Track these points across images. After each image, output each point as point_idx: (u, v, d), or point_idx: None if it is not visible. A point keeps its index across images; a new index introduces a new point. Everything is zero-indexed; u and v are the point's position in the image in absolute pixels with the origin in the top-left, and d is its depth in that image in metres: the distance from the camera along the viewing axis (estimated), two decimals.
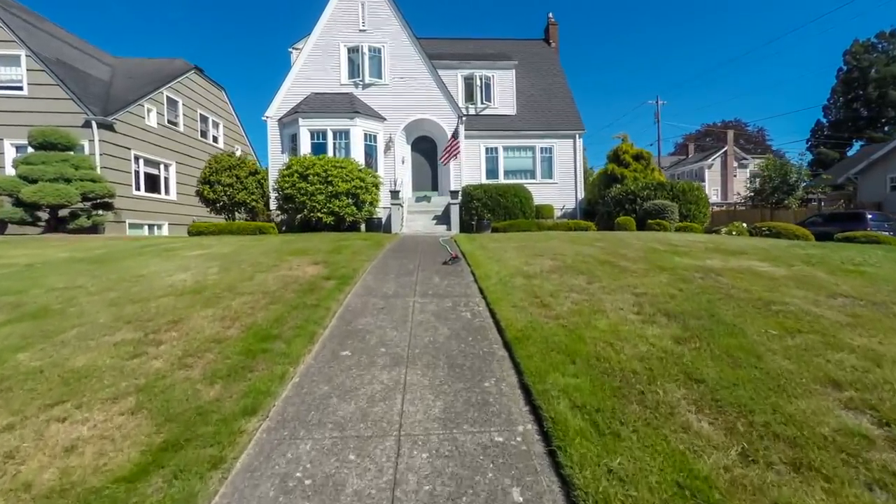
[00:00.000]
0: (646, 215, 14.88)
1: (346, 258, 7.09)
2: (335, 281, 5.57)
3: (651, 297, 4.55)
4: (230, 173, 12.88)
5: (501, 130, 17.89)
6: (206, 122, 20.97)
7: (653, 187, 15.45)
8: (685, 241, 9.00)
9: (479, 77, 18.36)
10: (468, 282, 5.87)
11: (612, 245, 8.37)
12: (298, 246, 8.43)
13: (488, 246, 8.46)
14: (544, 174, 18.07)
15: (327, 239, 9.87)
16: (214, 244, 9.08)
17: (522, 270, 6.00)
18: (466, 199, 14.57)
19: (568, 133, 18.06)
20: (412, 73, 16.25)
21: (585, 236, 10.37)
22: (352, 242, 9.01)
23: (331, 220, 12.92)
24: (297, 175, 13.05)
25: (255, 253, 7.68)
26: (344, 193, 12.99)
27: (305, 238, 10.08)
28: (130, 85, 17.77)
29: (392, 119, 16.04)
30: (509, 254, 7.46)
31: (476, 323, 4.29)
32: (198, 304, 4.56)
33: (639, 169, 16.65)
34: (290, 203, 13.11)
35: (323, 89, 15.88)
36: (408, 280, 5.98)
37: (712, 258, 6.71)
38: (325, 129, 15.16)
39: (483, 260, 6.92)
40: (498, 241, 9.24)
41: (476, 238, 10.42)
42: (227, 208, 13.23)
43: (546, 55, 21.26)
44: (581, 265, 6.23)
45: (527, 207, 14.73)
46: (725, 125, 48.68)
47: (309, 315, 4.28)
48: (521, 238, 10.04)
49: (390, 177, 15.80)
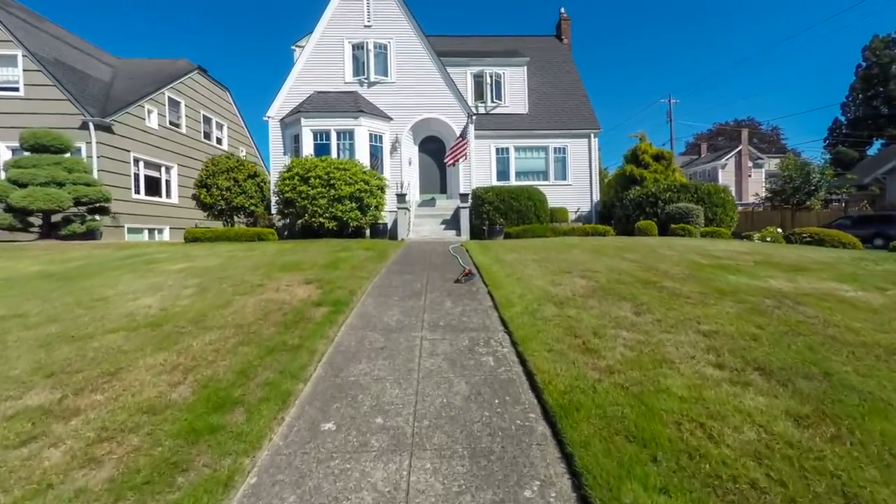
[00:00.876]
0: (668, 219, 13.70)
1: (344, 274, 6.08)
2: (327, 308, 4.55)
3: (727, 339, 3.47)
4: (228, 176, 11.98)
5: (513, 130, 16.80)
6: (209, 124, 20.15)
7: (675, 189, 14.26)
8: (725, 252, 7.86)
9: (489, 74, 17.27)
10: (486, 308, 4.82)
11: (645, 257, 7.26)
12: (293, 258, 7.44)
13: (505, 258, 7.39)
14: (558, 175, 16.94)
15: (327, 248, 8.88)
16: (203, 255, 8.13)
17: (550, 294, 4.93)
18: (477, 203, 13.51)
19: (582, 132, 16.91)
20: (419, 70, 15.22)
21: (609, 244, 9.26)
22: (353, 253, 8.00)
23: (333, 226, 11.94)
24: (298, 178, 12.10)
25: (243, 267, 6.71)
26: (347, 197, 12.01)
27: (304, 247, 9.10)
28: (131, 86, 16.98)
29: (398, 119, 15.03)
30: (530, 269, 6.40)
31: (503, 374, 3.25)
32: (150, 344, 3.57)
33: (659, 170, 15.45)
34: (290, 207, 12.16)
35: (326, 88, 14.92)
36: (414, 305, 4.95)
37: (774, 277, 5.58)
38: (328, 129, 14.19)
39: (501, 278, 5.86)
40: (515, 252, 8.17)
41: (489, 246, 9.36)
42: (224, 213, 12.33)
43: (558, 51, 20.10)
44: (619, 286, 5.15)
45: (541, 211, 13.63)
46: (739, 124, 46.91)
47: (287, 363, 3.26)
48: (539, 247, 8.97)
49: (397, 179, 14.78)
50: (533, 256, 7.54)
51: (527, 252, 8.14)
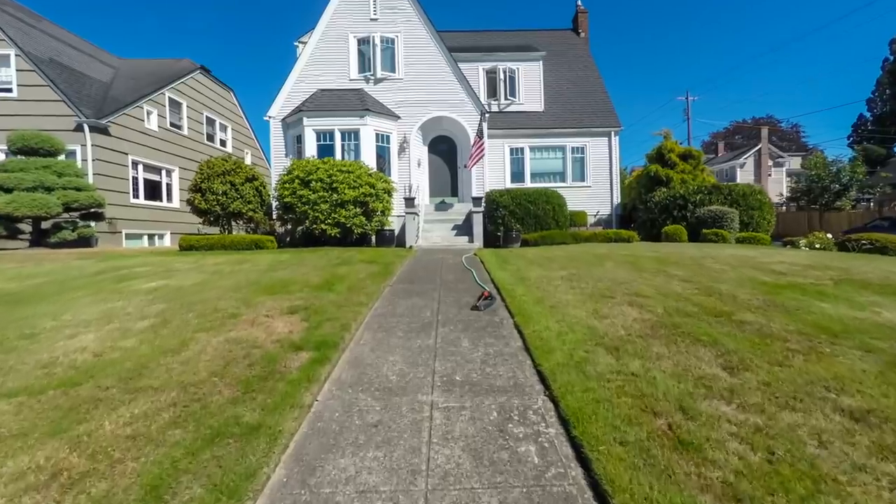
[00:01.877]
0: (699, 224, 12.37)
1: (339, 299, 4.97)
2: (310, 352, 3.44)
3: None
4: (223, 180, 10.98)
5: (528, 129, 15.59)
6: (212, 125, 19.28)
7: (706, 191, 12.92)
8: (786, 266, 6.57)
9: (502, 70, 16.07)
10: (515, 350, 3.65)
11: (694, 273, 6.02)
12: (284, 275, 6.36)
13: (529, 275, 6.21)
14: (576, 177, 15.68)
15: (325, 260, 7.79)
16: (186, 269, 7.10)
17: (598, 332, 3.75)
18: (491, 207, 12.34)
19: (602, 130, 15.62)
20: (429, 65, 14.08)
21: (643, 254, 8.02)
22: (353, 268, 6.89)
23: (336, 233, 10.87)
24: (299, 181, 11.06)
25: (223, 287, 5.64)
26: (351, 202, 10.93)
27: (300, 258, 8.03)
28: (132, 86, 16.15)
29: (407, 117, 13.92)
30: (562, 291, 5.21)
31: (555, 484, 2.08)
32: (46, 422, 2.48)
33: (687, 170, 14.10)
34: (290, 213, 11.12)
35: (330, 85, 13.87)
36: (422, 345, 3.81)
37: (879, 305, 4.31)
38: (332, 129, 13.15)
39: (529, 304, 4.69)
40: (538, 265, 6.98)
41: (507, 257, 8.18)
42: (221, 220, 11.34)
43: (575, 45, 18.80)
44: (685, 320, 3.95)
45: (560, 216, 12.40)
46: (757, 122, 44.89)
47: (232, 463, 2.15)
48: (564, 258, 7.76)
49: (405, 182, 13.68)
50: (561, 272, 6.35)
51: (552, 265, 6.95)
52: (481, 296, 5.14)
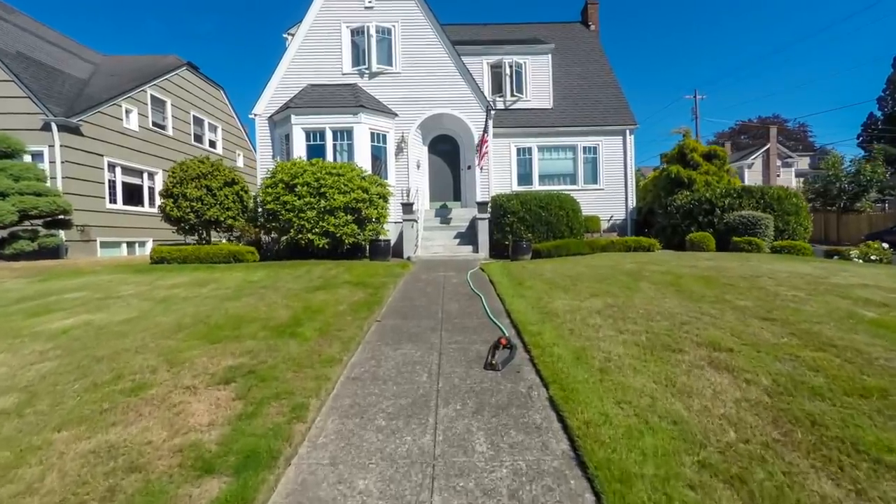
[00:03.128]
0: (728, 231, 10.91)
1: (302, 352, 3.54)
2: (224, 479, 2.01)
3: None
4: (198, 184, 9.55)
5: (536, 127, 14.13)
6: (200, 125, 17.87)
7: (735, 194, 11.46)
8: (881, 294, 5.11)
9: (508, 65, 14.62)
10: (560, 464, 2.21)
11: (768, 305, 4.57)
12: (244, 306, 4.92)
13: (554, 306, 4.76)
14: (588, 179, 14.23)
15: (304, 281, 6.37)
16: (129, 294, 5.68)
17: (691, 432, 2.31)
18: (498, 213, 10.89)
19: (616, 128, 14.16)
20: (429, 57, 12.64)
21: (682, 271, 6.58)
22: (334, 294, 5.46)
23: (324, 244, 9.44)
24: (283, 185, 9.63)
25: (157, 329, 4.22)
26: (341, 208, 9.50)
27: (274, 278, 6.60)
28: (111, 83, 14.74)
29: (405, 115, 12.49)
30: (606, 335, 3.78)
31: None
32: None
33: (711, 171, 12.63)
34: (273, 221, 9.69)
35: (321, 80, 12.44)
36: (412, 448, 2.36)
37: None
38: (322, 127, 11.72)
39: (567, 362, 3.24)
40: (562, 288, 5.53)
41: (521, 275, 6.73)
42: (196, 229, 9.92)
43: (585, 39, 17.33)
44: (820, 408, 2.50)
45: (574, 222, 10.94)
46: (763, 121, 43.29)
47: None
48: (591, 276, 6.32)
49: (403, 185, 12.25)
50: (593, 300, 4.90)
51: (579, 288, 5.51)
52: (497, 343, 3.71)
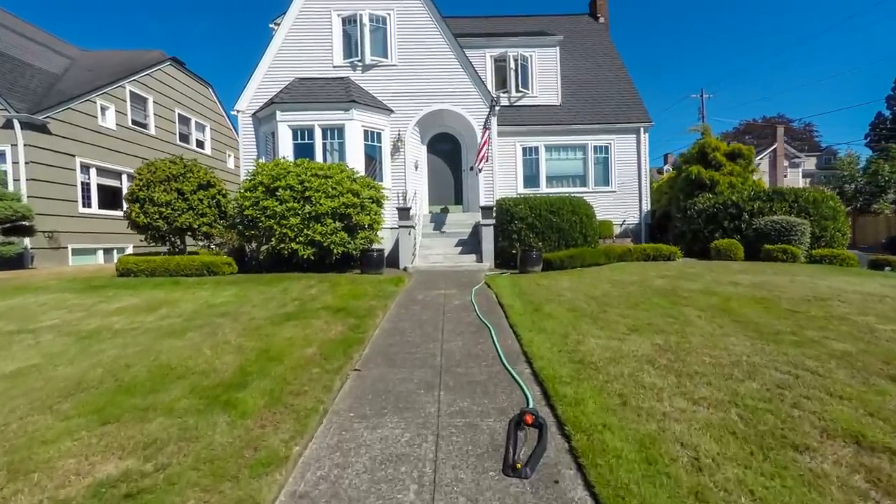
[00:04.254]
0: (759, 237, 9.72)
1: (235, 438, 2.35)
2: None
3: None
4: (168, 187, 8.36)
5: (543, 125, 12.94)
6: (187, 124, 16.65)
7: (766, 197, 10.26)
8: None
9: (513, 58, 13.41)
10: None
11: (868, 346, 3.38)
12: (185, 348, 3.72)
13: (588, 349, 3.56)
14: (598, 180, 13.03)
15: (274, 306, 5.17)
16: (50, 326, 4.49)
17: None
18: (504, 219, 9.68)
19: (629, 126, 12.97)
20: (428, 49, 11.44)
21: (725, 290, 5.38)
22: (305, 328, 4.26)
23: (310, 254, 8.25)
24: (263, 189, 8.44)
25: (51, 388, 3.03)
26: (328, 214, 8.31)
27: (240, 302, 5.41)
28: (87, 79, 13.54)
29: (401, 111, 11.29)
30: (675, 405, 2.58)
31: None
32: None
33: (736, 172, 11.42)
34: (252, 229, 8.50)
35: (310, 73, 11.24)
36: None
37: None
38: (310, 124, 10.52)
39: (632, 462, 2.05)
40: (590, 317, 4.33)
41: (536, 296, 5.54)
42: (166, 237, 8.74)
43: (594, 32, 16.11)
44: None
45: (588, 229, 9.74)
46: (768, 121, 42.07)
47: None
48: (621, 297, 5.13)
49: (399, 188, 11.06)
50: (638, 341, 3.71)
51: (612, 319, 4.31)
52: (519, 420, 2.53)
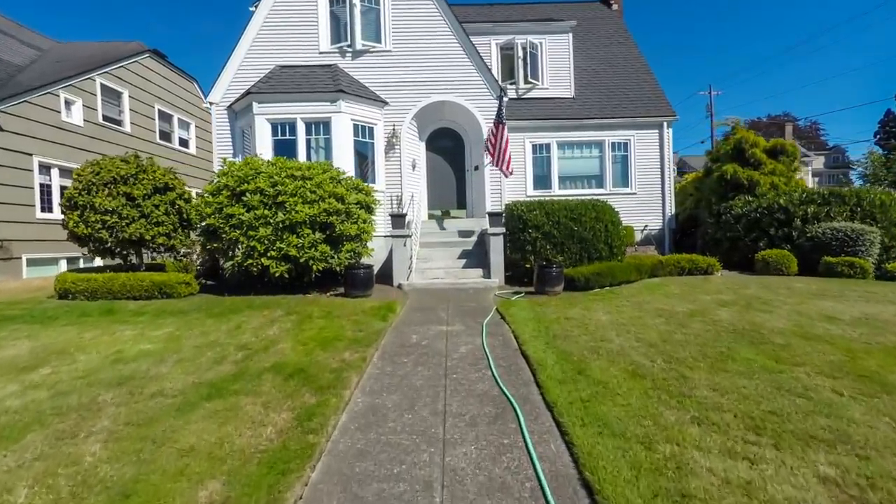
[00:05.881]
0: (815, 248, 8.06)
1: None
2: None
3: None
4: (114, 190, 6.76)
5: (555, 119, 11.29)
6: (168, 121, 15.05)
7: (821, 200, 8.60)
8: None
9: (521, 46, 11.75)
10: None
11: None
12: (38, 446, 2.13)
13: (705, 490, 1.95)
14: (617, 181, 11.38)
15: (201, 365, 3.55)
16: None
17: None
18: (516, 227, 8.04)
19: (650, 121, 11.31)
20: (427, 32, 9.80)
21: (849, 339, 3.76)
22: (228, 422, 2.64)
23: (284, 271, 6.63)
24: (228, 193, 6.83)
25: None
26: (306, 223, 6.69)
27: (158, 356, 3.80)
28: (53, 70, 11.95)
29: (397, 103, 9.66)
30: None
31: None
32: None
33: (779, 170, 9.77)
34: (214, 241, 6.89)
35: (293, 60, 9.60)
36: None
37: None
38: (293, 118, 8.90)
39: None
40: (677, 401, 2.71)
41: (578, 352, 3.91)
42: (112, 251, 7.15)
43: (607, 19, 14.43)
44: None
45: (614, 238, 8.08)
46: (773, 120, 40.24)
47: None
48: (693, 347, 3.50)
49: (394, 191, 9.44)
50: (792, 468, 2.10)
51: (705, 396, 2.69)
52: None
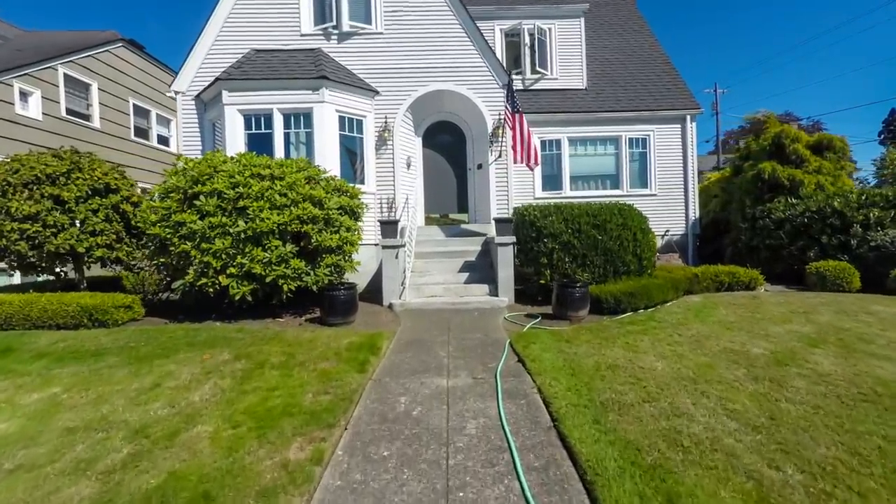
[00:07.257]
0: (882, 259, 6.70)
1: None
2: None
3: None
4: (37, 192, 5.39)
5: (565, 112, 9.90)
6: (146, 117, 13.63)
7: (884, 202, 7.24)
8: None
9: (527, 32, 10.37)
10: None
11: None
12: None
13: None
14: (634, 181, 10.01)
15: (68, 463, 2.17)
16: None
17: None
18: (528, 235, 6.65)
19: (672, 114, 9.94)
20: (424, 12, 8.42)
21: None
22: None
23: (247, 291, 5.26)
24: (178, 196, 5.44)
25: None
26: (274, 233, 5.31)
27: (22, 433, 2.44)
28: (11, 58, 10.54)
29: (389, 92, 8.28)
30: None
31: None
32: None
33: (825, 169, 8.41)
34: (162, 255, 5.51)
35: (271, 44, 8.22)
36: None
37: None
38: (268, 109, 7.51)
39: None
40: None
41: (660, 453, 2.54)
42: (35, 266, 5.77)
43: (620, 5, 13.04)
44: None
45: (644, 249, 6.69)
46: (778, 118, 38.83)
47: None
48: (818, 426, 2.10)
49: (386, 193, 8.07)
50: None
51: None
52: None
